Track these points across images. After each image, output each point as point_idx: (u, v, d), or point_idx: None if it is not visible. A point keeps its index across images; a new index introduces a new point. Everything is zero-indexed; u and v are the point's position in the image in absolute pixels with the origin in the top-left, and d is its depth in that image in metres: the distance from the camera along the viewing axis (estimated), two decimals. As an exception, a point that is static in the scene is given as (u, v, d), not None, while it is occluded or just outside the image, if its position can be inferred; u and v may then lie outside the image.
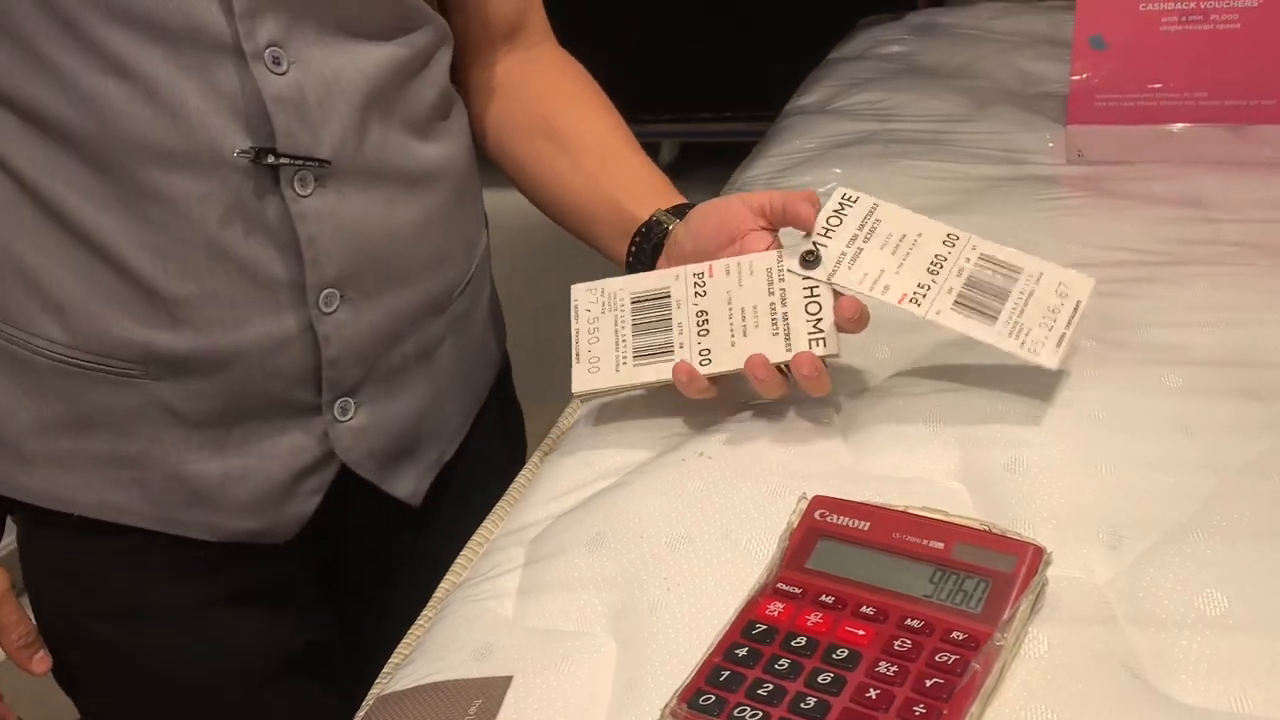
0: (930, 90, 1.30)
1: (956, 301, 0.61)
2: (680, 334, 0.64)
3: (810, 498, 0.54)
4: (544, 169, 0.79)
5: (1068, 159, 1.05)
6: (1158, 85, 1.08)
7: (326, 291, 0.66)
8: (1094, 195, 0.95)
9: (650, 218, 0.73)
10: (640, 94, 2.90)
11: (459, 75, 0.79)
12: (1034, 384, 0.65)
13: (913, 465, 0.61)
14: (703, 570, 0.54)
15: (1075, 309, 0.61)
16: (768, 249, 0.65)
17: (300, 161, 0.62)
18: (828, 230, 0.63)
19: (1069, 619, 0.48)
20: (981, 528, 0.50)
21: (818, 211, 0.64)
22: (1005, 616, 0.46)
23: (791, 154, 1.17)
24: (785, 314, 0.62)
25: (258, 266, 0.63)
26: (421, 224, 0.71)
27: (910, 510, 0.52)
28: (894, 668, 0.44)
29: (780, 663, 0.46)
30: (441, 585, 0.62)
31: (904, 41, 1.61)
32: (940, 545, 0.50)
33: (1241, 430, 0.60)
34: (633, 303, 0.66)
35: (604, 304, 0.66)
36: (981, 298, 0.61)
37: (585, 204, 0.77)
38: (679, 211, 0.72)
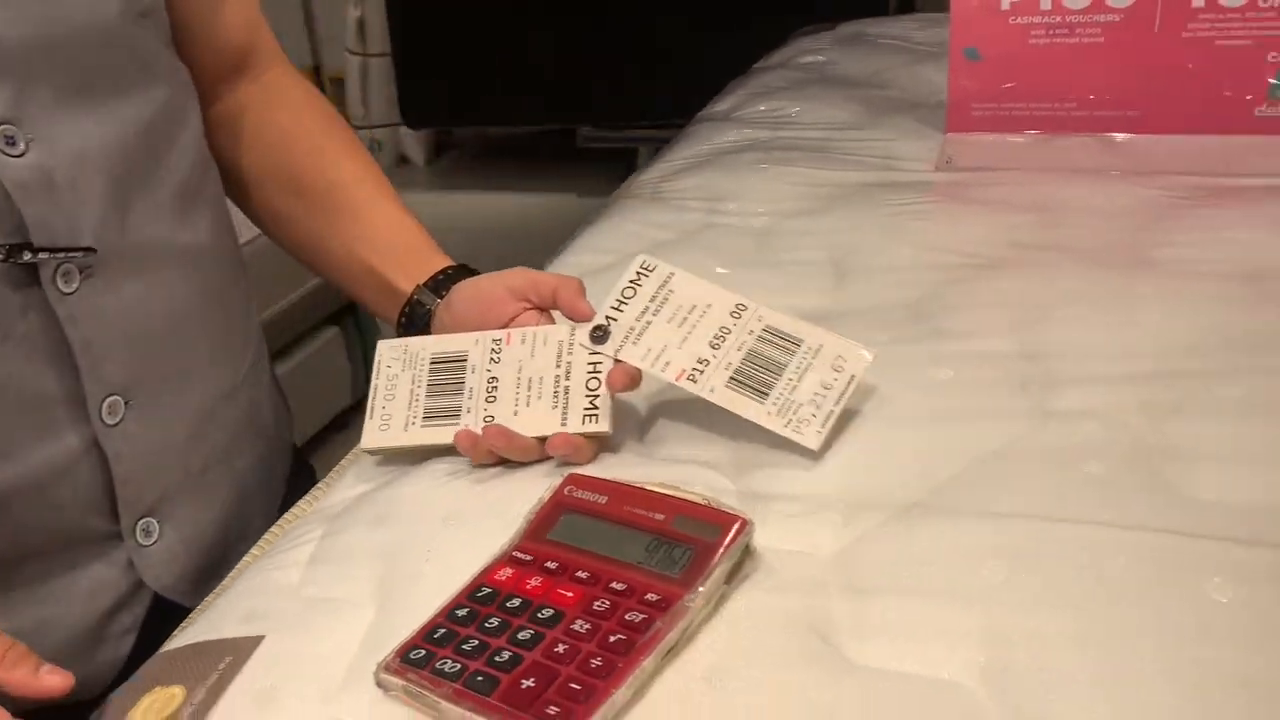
0: (831, 99, 1.34)
1: (731, 379, 0.63)
2: (469, 399, 0.65)
3: (566, 474, 0.58)
4: (297, 229, 0.75)
5: (936, 166, 1.09)
6: (1028, 96, 1.11)
7: (110, 400, 0.60)
8: (946, 201, 0.99)
9: (413, 296, 0.71)
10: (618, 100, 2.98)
11: None
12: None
13: (686, 453, 0.65)
14: (467, 545, 0.58)
15: (849, 384, 0.63)
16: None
17: (61, 254, 0.55)
18: (620, 304, 0.66)
19: (778, 587, 0.52)
20: (703, 502, 0.54)
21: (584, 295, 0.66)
22: (699, 580, 0.49)
23: (683, 159, 1.21)
24: (567, 388, 0.64)
25: (23, 383, 0.56)
26: (202, 306, 0.66)
27: (648, 486, 0.56)
28: (588, 625, 0.48)
29: (491, 621, 0.49)
30: (244, 559, 0.65)
31: (825, 51, 1.64)
32: (662, 517, 0.53)
33: (998, 419, 0.63)
34: (431, 363, 0.67)
35: (405, 362, 0.68)
36: (756, 373, 0.63)
37: (347, 270, 0.74)
38: (439, 283, 0.71)
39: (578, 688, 0.45)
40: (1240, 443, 0.59)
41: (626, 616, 0.48)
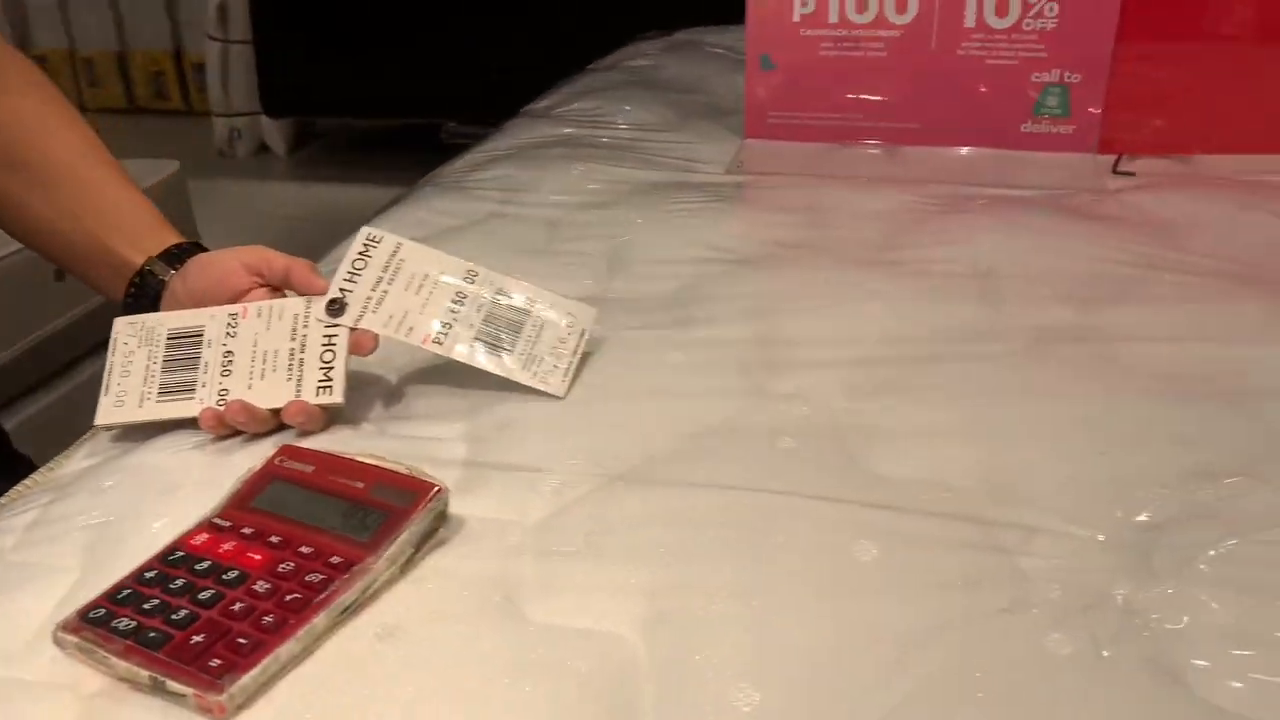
0: (645, 102, 1.38)
1: (475, 339, 0.67)
2: (205, 373, 0.66)
3: (280, 445, 0.60)
4: (17, 205, 0.73)
5: (728, 170, 1.13)
6: (818, 106, 1.17)
7: None
8: (726, 202, 1.03)
9: (144, 266, 0.71)
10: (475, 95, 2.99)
11: None
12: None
13: (425, 429, 0.67)
14: (185, 510, 0.59)
15: (581, 336, 0.70)
16: None
17: None
18: (352, 275, 0.68)
19: (474, 552, 0.55)
20: (404, 471, 0.56)
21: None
22: (384, 544, 0.52)
23: (493, 151, 1.23)
24: (302, 360, 0.65)
25: None
26: None
27: (356, 457, 0.58)
28: (269, 586, 0.50)
29: (176, 583, 0.50)
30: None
31: (655, 56, 1.69)
32: (362, 485, 0.55)
33: (717, 399, 0.67)
34: (168, 339, 0.68)
35: (141, 338, 0.68)
36: (498, 332, 0.68)
37: (71, 244, 0.73)
38: (172, 257, 0.71)
39: (244, 642, 0.46)
40: (923, 421, 0.64)
41: (307, 577, 0.50)
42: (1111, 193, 1.02)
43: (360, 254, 0.68)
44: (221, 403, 0.65)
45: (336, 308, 0.67)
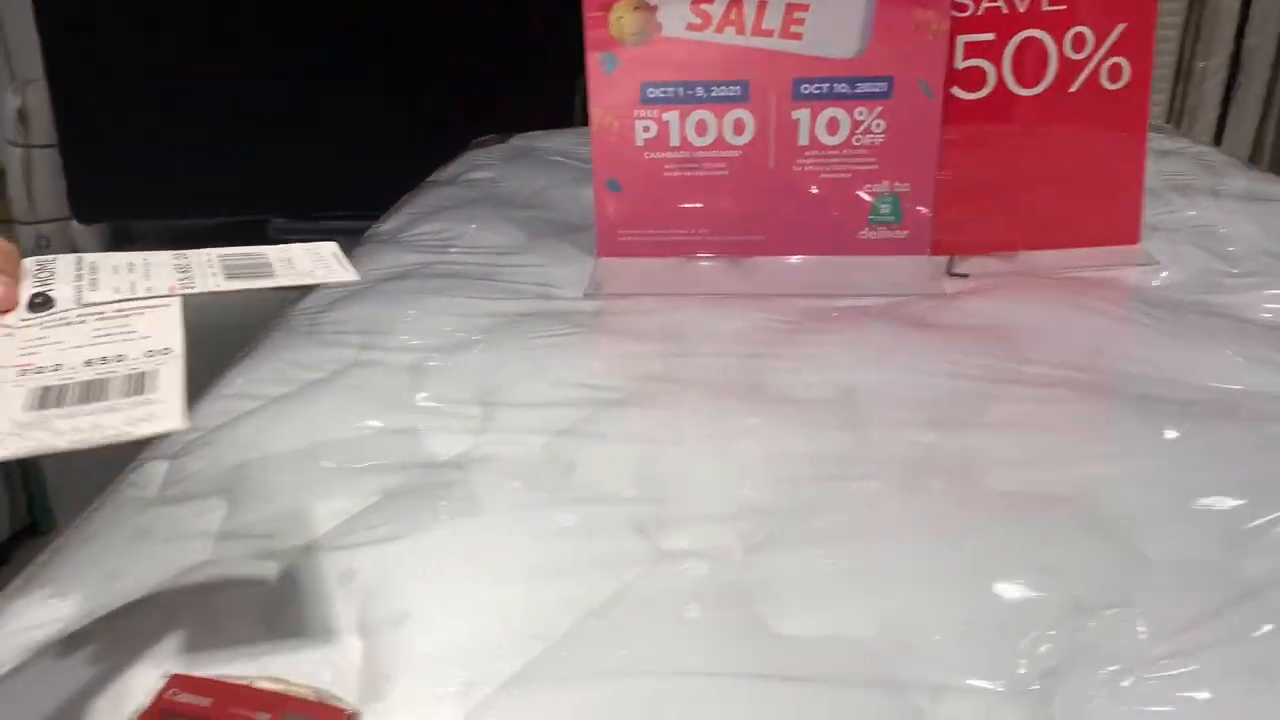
0: (492, 221, 1.38)
1: (227, 272, 0.59)
2: None
3: (170, 676, 0.56)
4: None
5: (585, 293, 1.14)
6: (666, 223, 1.20)
7: None
8: (588, 331, 1.04)
9: None
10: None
11: None
12: (427, 545, 0.70)
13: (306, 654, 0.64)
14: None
15: (334, 256, 0.63)
16: None
17: None
18: (46, 280, 0.58)
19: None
20: (313, 698, 0.54)
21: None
22: (298, 784, 0.49)
23: (342, 290, 1.21)
24: None
25: None
26: None
27: (257, 683, 0.55)
28: None
29: None
30: None
31: (494, 167, 1.70)
32: (268, 716, 0.53)
33: (614, 566, 0.67)
34: None
35: None
36: (249, 265, 0.61)
37: None
38: None
39: None
40: (818, 571, 0.66)
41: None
42: (949, 297, 1.08)
43: (42, 265, 0.59)
44: None
45: (41, 300, 0.56)
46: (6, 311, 0.55)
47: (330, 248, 0.65)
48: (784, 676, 0.57)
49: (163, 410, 0.48)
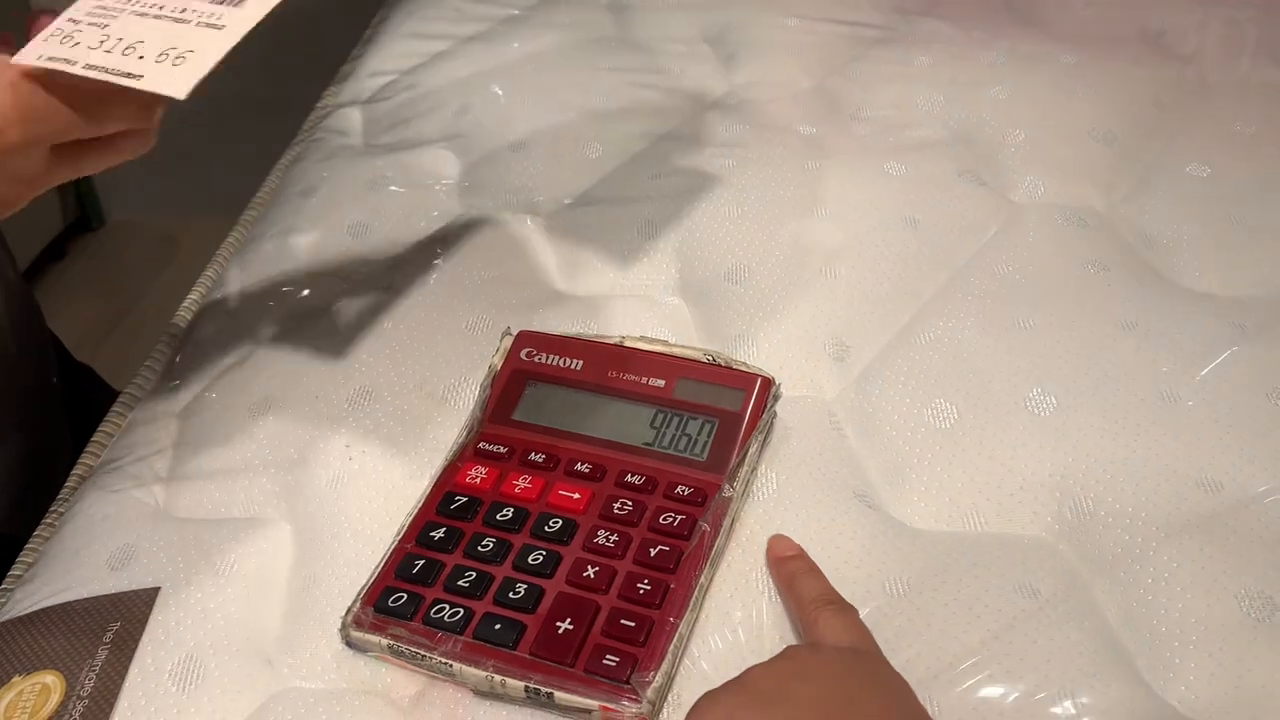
0: None
1: None
2: None
3: (515, 334, 0.47)
4: None
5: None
6: None
7: None
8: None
9: None
10: None
11: None
12: (752, 176, 0.59)
13: (628, 281, 0.54)
14: (392, 432, 0.46)
15: None
16: None
17: None
18: None
19: (798, 449, 0.44)
20: (705, 359, 0.44)
21: None
22: (733, 462, 0.40)
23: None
24: None
25: None
26: None
27: (628, 342, 0.45)
28: (614, 536, 0.38)
29: (484, 543, 0.39)
30: (73, 474, 0.50)
31: None
32: (661, 383, 0.43)
33: (966, 219, 0.57)
34: None
35: None
36: None
37: None
38: None
39: (630, 624, 0.36)
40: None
41: (661, 520, 0.39)
42: None
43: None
44: None
45: None
46: None
47: None
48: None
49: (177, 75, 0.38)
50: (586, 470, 0.41)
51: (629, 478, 0.40)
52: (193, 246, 1.85)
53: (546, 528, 0.39)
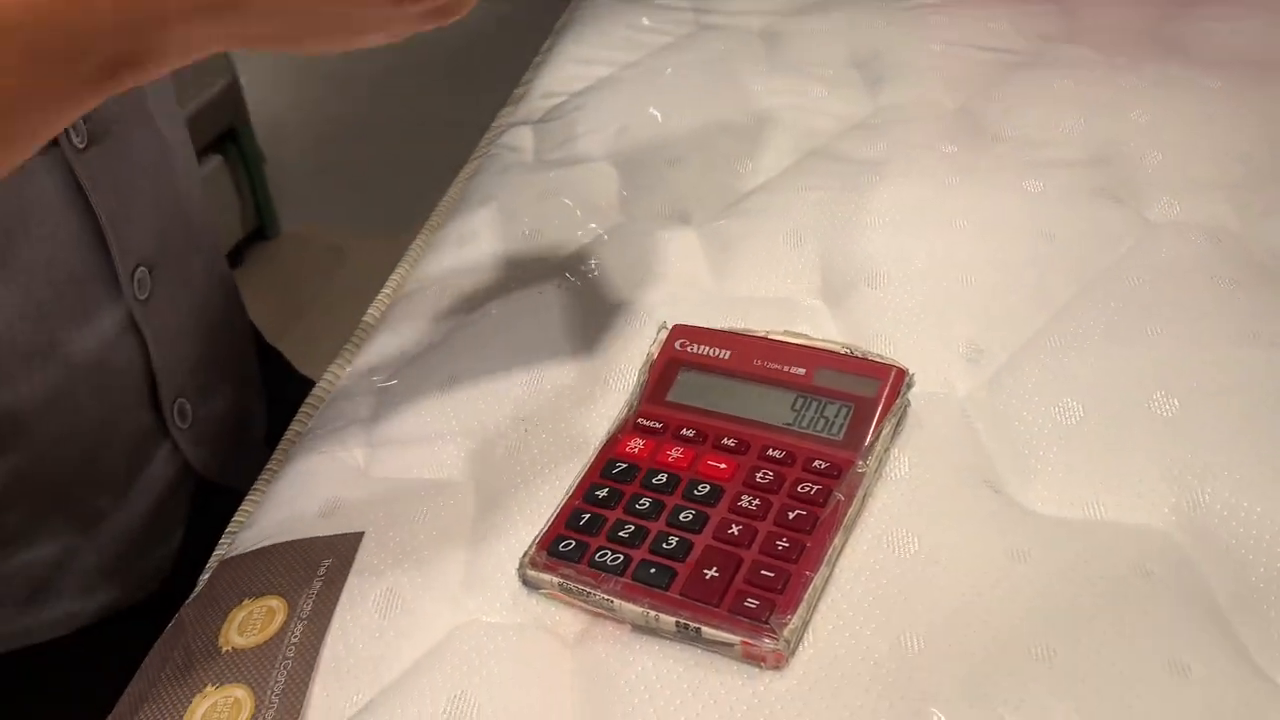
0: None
1: None
2: None
3: (670, 327, 0.52)
4: None
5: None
6: None
7: (138, 273, 0.53)
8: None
9: None
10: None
11: None
12: (894, 190, 0.63)
13: (773, 285, 0.59)
14: (561, 409, 0.52)
15: None
16: None
17: None
18: None
19: (929, 438, 0.48)
20: (843, 351, 0.49)
21: None
22: (867, 442, 0.45)
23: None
24: None
25: (58, 263, 0.50)
26: (191, 161, 0.60)
27: (772, 336, 0.50)
28: (756, 500, 0.43)
29: (641, 502, 0.44)
30: (285, 437, 0.58)
31: None
32: (802, 371, 0.48)
33: (1102, 234, 0.59)
34: None
35: None
36: None
37: None
38: None
39: (770, 575, 0.40)
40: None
41: (799, 489, 0.43)
42: None
43: None
44: None
45: None
46: None
47: None
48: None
49: None
50: (732, 445, 0.46)
51: (770, 452, 0.45)
52: (357, 256, 1.98)
53: (696, 491, 0.44)
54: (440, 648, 0.42)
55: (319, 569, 0.46)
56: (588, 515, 0.44)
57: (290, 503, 0.51)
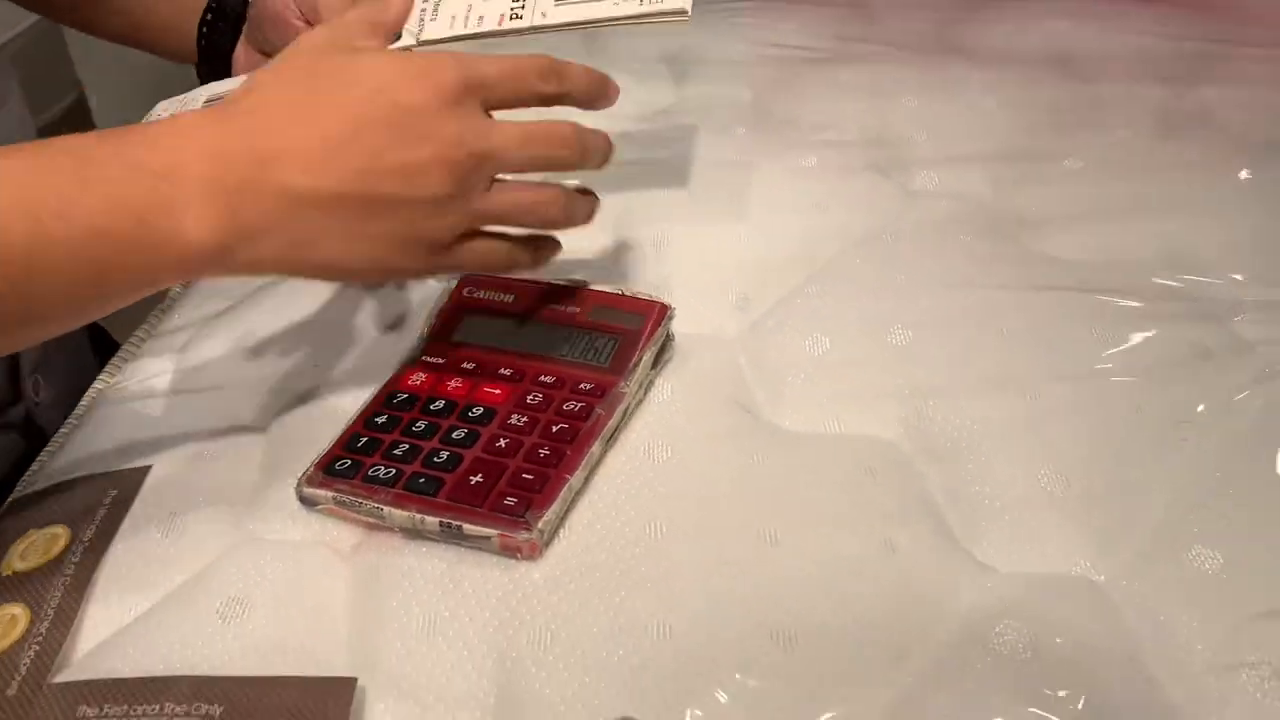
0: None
1: (556, 2, 0.55)
2: None
3: (460, 276, 0.55)
4: None
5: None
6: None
7: None
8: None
9: None
10: None
11: None
12: (682, 172, 0.68)
13: (569, 243, 0.63)
14: (355, 357, 0.55)
15: None
16: None
17: None
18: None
19: (696, 370, 0.52)
20: (615, 291, 0.53)
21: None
22: (629, 367, 0.49)
23: None
24: None
25: None
26: None
27: (555, 281, 0.54)
28: (525, 419, 0.47)
29: (418, 425, 0.47)
30: (88, 393, 0.59)
31: None
32: (577, 309, 0.52)
33: (866, 204, 0.65)
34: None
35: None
36: None
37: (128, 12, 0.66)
38: None
39: (529, 478, 0.44)
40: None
41: (564, 407, 0.47)
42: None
43: None
44: None
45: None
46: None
47: None
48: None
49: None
50: (508, 374, 0.49)
51: (542, 378, 0.49)
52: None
53: (470, 413, 0.47)
54: (219, 561, 0.44)
55: (105, 499, 0.48)
56: (366, 439, 0.47)
57: (84, 446, 0.53)
